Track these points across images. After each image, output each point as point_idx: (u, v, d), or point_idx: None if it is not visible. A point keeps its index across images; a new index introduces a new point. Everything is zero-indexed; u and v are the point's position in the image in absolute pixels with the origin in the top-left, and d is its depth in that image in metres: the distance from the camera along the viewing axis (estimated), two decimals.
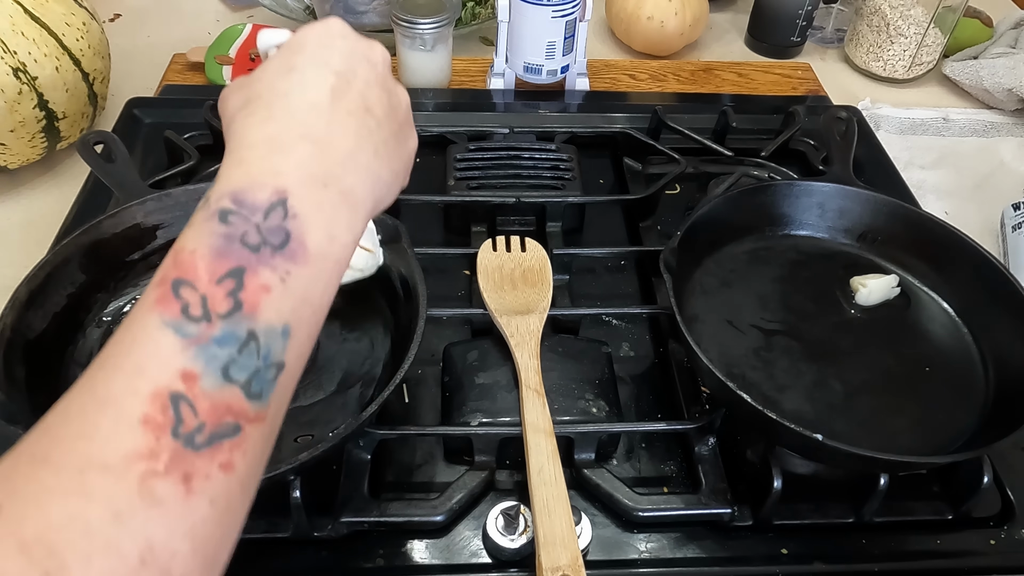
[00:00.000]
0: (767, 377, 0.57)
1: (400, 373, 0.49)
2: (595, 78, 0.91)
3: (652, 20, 0.93)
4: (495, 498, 0.52)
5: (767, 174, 0.77)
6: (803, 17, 0.95)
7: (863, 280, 0.63)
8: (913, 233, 0.65)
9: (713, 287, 0.63)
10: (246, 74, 0.39)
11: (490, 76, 0.89)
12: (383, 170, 0.38)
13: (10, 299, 0.51)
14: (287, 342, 0.31)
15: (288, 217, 0.31)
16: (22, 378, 0.50)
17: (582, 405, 0.54)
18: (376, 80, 0.38)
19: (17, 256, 0.64)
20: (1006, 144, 0.89)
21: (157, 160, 0.75)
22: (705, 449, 0.54)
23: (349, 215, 0.34)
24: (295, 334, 0.31)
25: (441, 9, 0.83)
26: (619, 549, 0.51)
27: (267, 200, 0.31)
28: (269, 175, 0.32)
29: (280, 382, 0.31)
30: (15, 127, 0.68)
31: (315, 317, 0.33)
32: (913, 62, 0.95)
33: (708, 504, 0.51)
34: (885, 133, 0.89)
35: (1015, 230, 0.73)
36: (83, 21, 0.72)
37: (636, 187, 0.76)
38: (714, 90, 0.92)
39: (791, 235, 0.68)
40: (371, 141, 0.37)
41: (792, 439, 0.50)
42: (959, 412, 0.56)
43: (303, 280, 0.31)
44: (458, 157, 0.74)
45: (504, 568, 0.49)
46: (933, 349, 0.60)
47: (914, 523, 0.53)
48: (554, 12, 0.79)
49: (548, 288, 0.60)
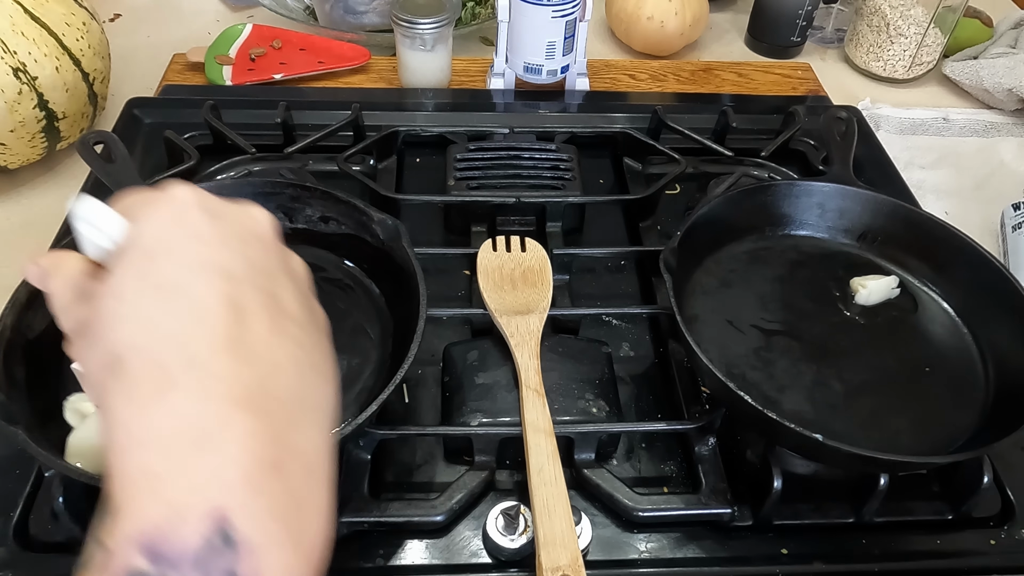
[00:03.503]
0: (767, 377, 0.57)
1: (400, 373, 0.49)
2: (595, 78, 0.91)
3: (652, 20, 0.93)
4: (495, 498, 0.52)
5: (767, 174, 0.77)
6: (803, 17, 0.95)
7: (863, 281, 0.63)
8: (913, 233, 0.65)
9: (713, 287, 0.63)
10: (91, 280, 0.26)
11: (490, 76, 0.89)
12: (328, 389, 0.27)
13: (10, 299, 0.51)
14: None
15: (237, 549, 0.21)
16: (22, 378, 0.50)
17: (582, 405, 0.54)
18: (272, 259, 0.27)
19: (17, 256, 0.63)
20: (1006, 144, 0.89)
21: (157, 160, 0.75)
22: (705, 449, 0.54)
23: (319, 496, 0.24)
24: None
25: (441, 9, 0.83)
26: (619, 549, 0.51)
27: (199, 538, 0.21)
28: (196, 491, 0.21)
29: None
30: (15, 127, 0.68)
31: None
32: (913, 62, 0.95)
33: (708, 504, 0.51)
34: (885, 133, 0.89)
35: (1015, 230, 0.73)
36: (83, 21, 0.72)
37: (636, 187, 0.76)
38: (714, 90, 0.92)
39: (791, 235, 0.68)
40: (304, 353, 0.26)
41: (792, 439, 0.50)
42: (959, 412, 0.56)
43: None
44: (458, 157, 0.74)
45: (504, 568, 0.49)
46: (933, 349, 0.60)
47: (914, 523, 0.53)
48: (554, 12, 0.79)
49: (548, 288, 0.60)
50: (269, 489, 0.22)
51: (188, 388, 0.23)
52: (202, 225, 0.26)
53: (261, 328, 0.25)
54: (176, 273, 0.25)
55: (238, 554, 0.21)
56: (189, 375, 0.23)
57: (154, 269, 0.25)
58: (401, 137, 0.78)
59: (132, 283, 0.25)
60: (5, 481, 0.51)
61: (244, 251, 0.26)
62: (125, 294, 0.24)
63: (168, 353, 0.23)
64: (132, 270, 0.25)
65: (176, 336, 0.23)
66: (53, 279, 0.28)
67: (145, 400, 0.23)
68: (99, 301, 0.25)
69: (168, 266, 0.25)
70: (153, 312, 0.24)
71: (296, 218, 0.63)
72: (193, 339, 0.24)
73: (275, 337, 0.25)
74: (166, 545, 0.21)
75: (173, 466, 0.22)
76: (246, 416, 0.23)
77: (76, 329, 0.26)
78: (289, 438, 0.23)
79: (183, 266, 0.25)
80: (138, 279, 0.25)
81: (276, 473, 0.22)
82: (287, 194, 0.62)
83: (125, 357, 0.23)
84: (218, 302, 0.24)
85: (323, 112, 0.79)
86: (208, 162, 0.72)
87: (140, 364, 0.23)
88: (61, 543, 0.49)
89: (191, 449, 0.22)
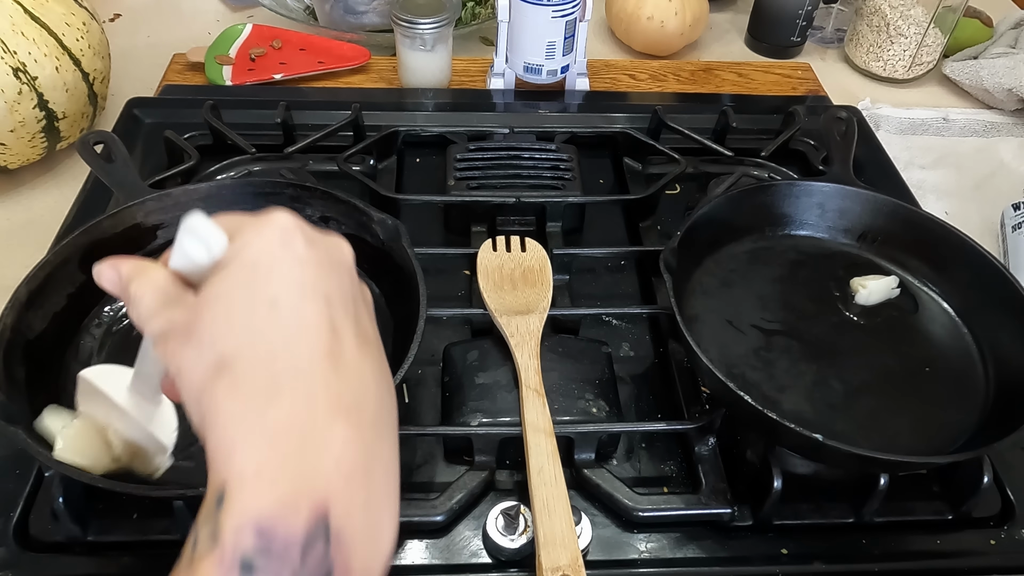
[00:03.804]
0: (767, 377, 0.57)
1: (400, 373, 0.49)
2: (595, 78, 0.91)
3: (652, 20, 0.93)
4: (495, 498, 0.52)
5: (767, 174, 0.77)
6: (803, 17, 0.95)
7: (863, 281, 0.63)
8: (913, 233, 0.65)
9: (713, 287, 0.63)
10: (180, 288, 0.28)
11: (490, 76, 0.89)
12: (394, 405, 0.30)
13: (10, 299, 0.51)
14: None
15: (331, 544, 0.23)
16: (22, 378, 0.50)
17: (582, 405, 0.54)
18: (354, 286, 0.30)
19: (17, 256, 0.64)
20: (1006, 144, 0.89)
21: (157, 160, 0.75)
22: (705, 449, 0.54)
23: (390, 493, 0.27)
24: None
25: (441, 9, 0.83)
26: (619, 549, 0.51)
27: (304, 529, 0.23)
28: (305, 485, 0.24)
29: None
30: (15, 127, 0.68)
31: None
32: (913, 62, 0.95)
33: (708, 504, 0.51)
34: (885, 133, 0.89)
35: (1015, 230, 0.73)
36: (83, 21, 0.72)
37: (636, 187, 0.76)
38: (714, 90, 0.92)
39: (791, 235, 0.68)
40: (381, 372, 0.29)
41: (792, 439, 0.50)
42: (959, 412, 0.56)
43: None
44: (458, 157, 0.74)
45: (504, 568, 0.49)
46: (933, 349, 0.60)
47: (914, 523, 0.53)
48: (554, 12, 0.79)
49: (548, 288, 0.60)
50: (360, 490, 0.25)
51: (295, 394, 0.25)
52: (303, 250, 0.28)
53: (351, 347, 0.27)
54: (281, 290, 0.27)
55: (332, 545, 0.23)
56: (296, 383, 0.25)
57: (261, 284, 0.27)
58: (401, 137, 0.78)
59: (240, 293, 0.27)
60: (5, 481, 0.51)
61: (336, 277, 0.29)
62: (233, 303, 0.26)
63: (277, 362, 0.25)
64: (239, 282, 0.27)
65: (283, 347, 0.26)
66: (137, 284, 0.29)
67: (256, 401, 0.25)
68: (203, 307, 0.27)
69: (274, 283, 0.27)
70: (261, 323, 0.26)
71: None
72: (298, 351, 0.26)
73: (361, 356, 0.28)
74: (278, 532, 0.23)
75: (283, 462, 0.24)
76: (344, 423, 0.25)
77: (168, 331, 0.28)
78: (374, 446, 0.26)
79: (288, 284, 0.27)
80: (246, 291, 0.27)
81: (365, 477, 0.25)
82: (287, 194, 0.62)
83: (235, 362, 0.25)
84: (318, 321, 0.27)
85: (323, 112, 0.79)
86: (208, 162, 0.72)
87: (251, 369, 0.25)
88: (61, 543, 0.49)
89: (299, 448, 0.24)
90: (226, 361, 0.25)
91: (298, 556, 0.23)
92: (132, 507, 0.50)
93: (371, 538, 0.25)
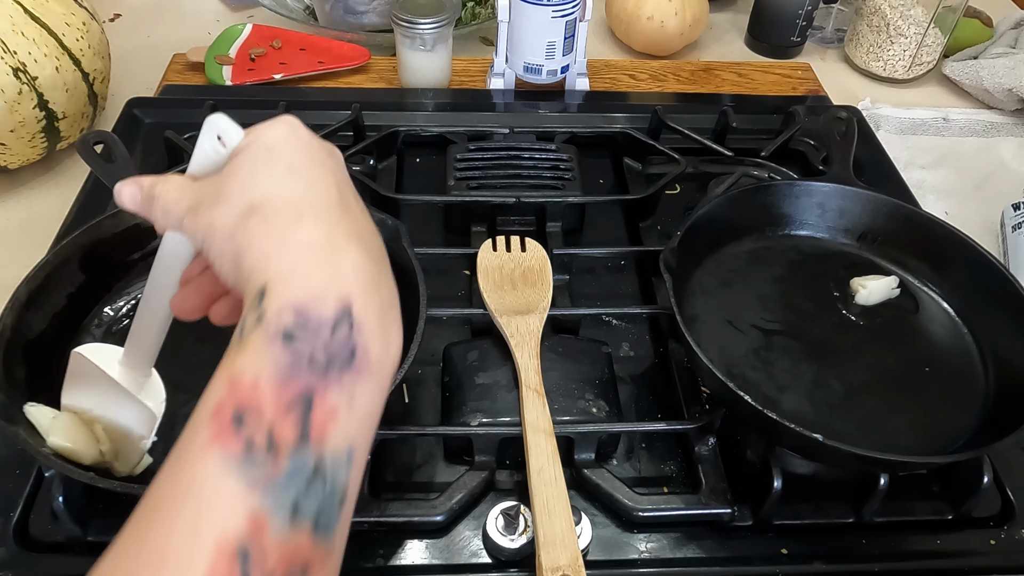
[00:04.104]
0: (767, 377, 0.57)
1: (400, 373, 0.49)
2: (595, 78, 0.91)
3: (652, 20, 0.93)
4: (495, 498, 0.52)
5: (767, 174, 0.77)
6: (803, 17, 0.95)
7: (863, 281, 0.63)
8: (913, 233, 0.65)
9: (713, 287, 0.63)
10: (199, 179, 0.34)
11: (490, 76, 0.89)
12: (387, 257, 0.36)
13: (10, 299, 0.51)
14: (350, 466, 0.28)
15: (353, 329, 0.29)
16: (22, 378, 0.50)
17: (582, 405, 0.54)
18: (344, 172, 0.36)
19: (17, 256, 0.64)
20: (1006, 144, 0.89)
21: (157, 160, 0.75)
22: (705, 449, 0.54)
23: (396, 311, 0.32)
24: (357, 455, 0.29)
25: (441, 9, 0.83)
26: (619, 549, 0.51)
27: (333, 313, 0.28)
28: (332, 282, 0.29)
29: (344, 511, 0.28)
30: (15, 127, 0.68)
31: (373, 432, 0.30)
32: (913, 62, 0.95)
33: (708, 504, 0.51)
34: (885, 133, 0.89)
35: (1015, 230, 0.73)
36: (83, 21, 0.72)
37: (636, 187, 0.76)
38: (714, 90, 0.92)
39: (791, 235, 0.68)
40: (375, 231, 0.34)
41: (792, 439, 0.50)
42: (959, 412, 0.56)
43: (367, 396, 0.29)
44: (458, 157, 0.74)
45: (504, 568, 0.49)
46: (933, 349, 0.60)
47: (914, 523, 0.53)
48: (554, 12, 0.79)
49: (548, 288, 0.60)
50: (374, 295, 0.30)
51: (317, 222, 0.30)
52: (308, 137, 0.34)
53: (354, 202, 0.33)
54: (295, 159, 0.32)
55: (354, 331, 0.29)
56: (317, 215, 0.31)
57: (277, 156, 0.32)
58: (401, 137, 0.78)
59: (261, 162, 0.32)
60: (5, 481, 0.51)
61: (335, 161, 0.34)
62: (257, 168, 0.32)
63: (299, 203, 0.31)
64: (258, 155, 0.32)
65: (303, 194, 0.31)
66: (161, 184, 0.35)
67: (284, 227, 0.30)
68: (229, 175, 0.32)
69: (288, 155, 0.32)
70: (282, 178, 0.32)
71: None
72: (315, 197, 0.31)
73: (362, 211, 0.34)
74: (311, 312, 0.28)
75: (312, 265, 0.29)
76: (357, 246, 0.30)
77: (198, 203, 0.33)
78: (382, 269, 0.32)
79: (299, 156, 0.33)
80: (265, 160, 0.32)
81: (377, 289, 0.30)
82: None
83: (262, 204, 0.31)
84: (327, 182, 0.32)
85: (323, 112, 0.79)
86: None
87: (276, 206, 0.31)
88: (61, 543, 0.49)
89: (324, 257, 0.30)
90: (255, 206, 0.31)
91: (328, 332, 0.28)
92: (132, 507, 0.50)
93: (384, 337, 0.30)
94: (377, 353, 0.29)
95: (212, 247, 0.32)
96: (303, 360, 0.27)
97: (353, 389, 0.28)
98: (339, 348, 0.28)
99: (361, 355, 0.29)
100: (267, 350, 0.27)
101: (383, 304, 0.31)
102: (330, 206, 0.32)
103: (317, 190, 0.32)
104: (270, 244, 0.30)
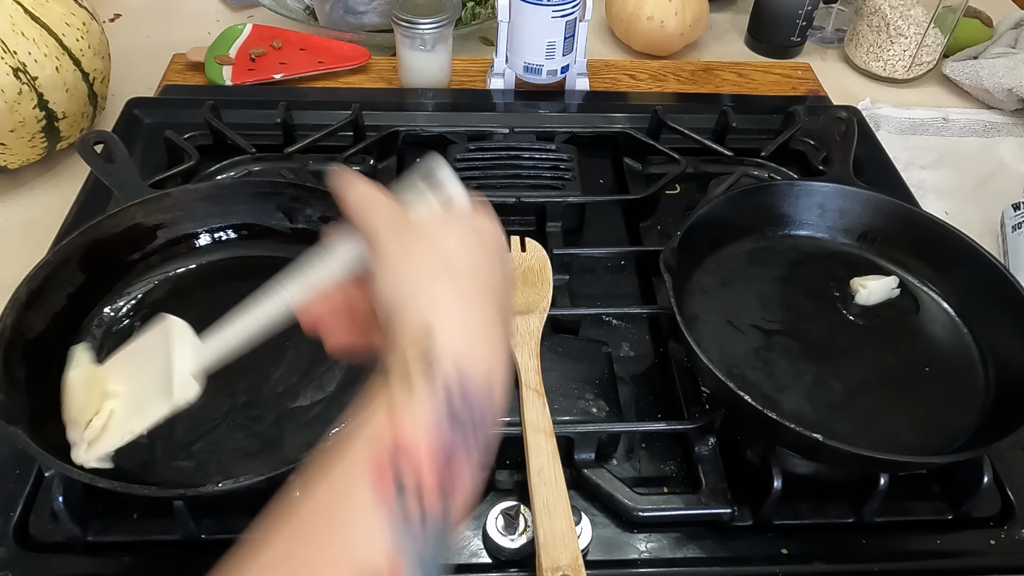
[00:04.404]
0: (767, 377, 0.57)
1: None
2: (595, 78, 0.91)
3: (652, 20, 0.93)
4: (495, 498, 0.52)
5: (767, 174, 0.77)
6: (803, 17, 0.95)
7: (863, 281, 0.63)
8: (913, 233, 0.65)
9: (713, 287, 0.63)
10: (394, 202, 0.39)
11: (490, 76, 0.89)
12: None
13: (10, 299, 0.51)
14: (453, 534, 0.31)
15: (492, 393, 0.32)
16: (22, 378, 0.50)
17: (582, 405, 0.54)
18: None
19: (17, 256, 0.64)
20: (1006, 144, 0.89)
21: (157, 160, 0.75)
22: (705, 449, 0.54)
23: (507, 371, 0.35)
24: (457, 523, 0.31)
25: (441, 9, 0.83)
26: (619, 549, 0.51)
27: (484, 377, 0.31)
28: (487, 349, 0.32)
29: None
30: (15, 127, 0.68)
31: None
32: (913, 62, 0.95)
33: (708, 504, 0.51)
34: (885, 133, 0.89)
35: (1015, 230, 0.73)
36: (83, 21, 0.72)
37: (636, 187, 0.76)
38: (714, 90, 0.92)
39: (791, 235, 0.68)
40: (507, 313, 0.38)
41: (792, 439, 0.50)
42: (959, 412, 0.56)
43: (479, 456, 0.31)
44: (458, 157, 0.74)
45: (504, 568, 0.49)
46: (933, 349, 0.60)
47: (914, 523, 0.53)
48: (554, 12, 0.79)
49: (548, 288, 0.60)
50: (504, 376, 0.33)
51: (485, 302, 0.34)
52: (503, 243, 0.39)
53: (511, 293, 0.39)
54: (491, 244, 0.37)
55: (491, 393, 0.32)
56: (487, 297, 0.34)
57: (482, 238, 0.37)
58: (401, 137, 0.78)
59: (469, 232, 0.37)
60: (5, 481, 0.51)
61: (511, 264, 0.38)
62: (464, 234, 0.36)
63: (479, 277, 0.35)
64: (469, 229, 0.37)
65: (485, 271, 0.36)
66: (385, 200, 0.39)
67: (461, 296, 0.34)
68: (442, 222, 0.38)
69: (488, 242, 0.37)
70: (477, 251, 0.36)
71: (296, 218, 0.63)
72: (492, 280, 0.36)
73: (510, 296, 0.38)
74: (469, 370, 0.31)
75: (474, 326, 0.33)
76: (502, 330, 0.34)
77: (399, 225, 0.36)
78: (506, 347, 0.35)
79: (496, 247, 0.37)
80: (474, 235, 0.37)
81: (506, 373, 0.33)
82: (287, 194, 0.62)
83: (456, 271, 0.34)
84: (504, 271, 0.37)
85: (323, 112, 0.79)
86: (208, 162, 0.72)
87: (463, 276, 0.34)
88: (61, 543, 0.49)
89: (484, 333, 0.33)
90: (448, 261, 0.35)
91: (481, 395, 0.31)
92: (132, 507, 0.50)
93: (504, 393, 0.33)
94: (493, 421, 0.32)
95: (389, 270, 0.35)
96: (459, 423, 0.30)
97: (475, 451, 0.31)
98: (481, 412, 0.31)
99: (491, 419, 0.32)
100: (432, 408, 0.30)
101: (505, 385, 0.33)
102: (497, 290, 0.36)
103: (496, 274, 0.36)
104: (446, 294, 0.33)
